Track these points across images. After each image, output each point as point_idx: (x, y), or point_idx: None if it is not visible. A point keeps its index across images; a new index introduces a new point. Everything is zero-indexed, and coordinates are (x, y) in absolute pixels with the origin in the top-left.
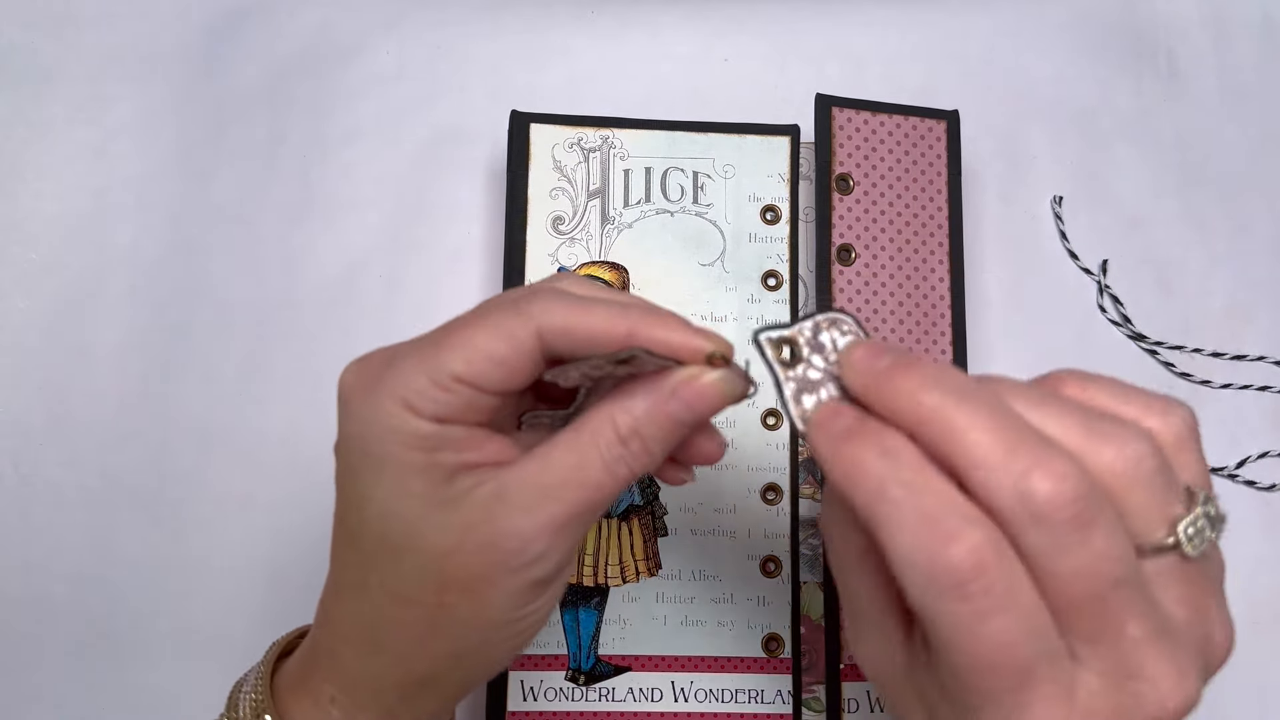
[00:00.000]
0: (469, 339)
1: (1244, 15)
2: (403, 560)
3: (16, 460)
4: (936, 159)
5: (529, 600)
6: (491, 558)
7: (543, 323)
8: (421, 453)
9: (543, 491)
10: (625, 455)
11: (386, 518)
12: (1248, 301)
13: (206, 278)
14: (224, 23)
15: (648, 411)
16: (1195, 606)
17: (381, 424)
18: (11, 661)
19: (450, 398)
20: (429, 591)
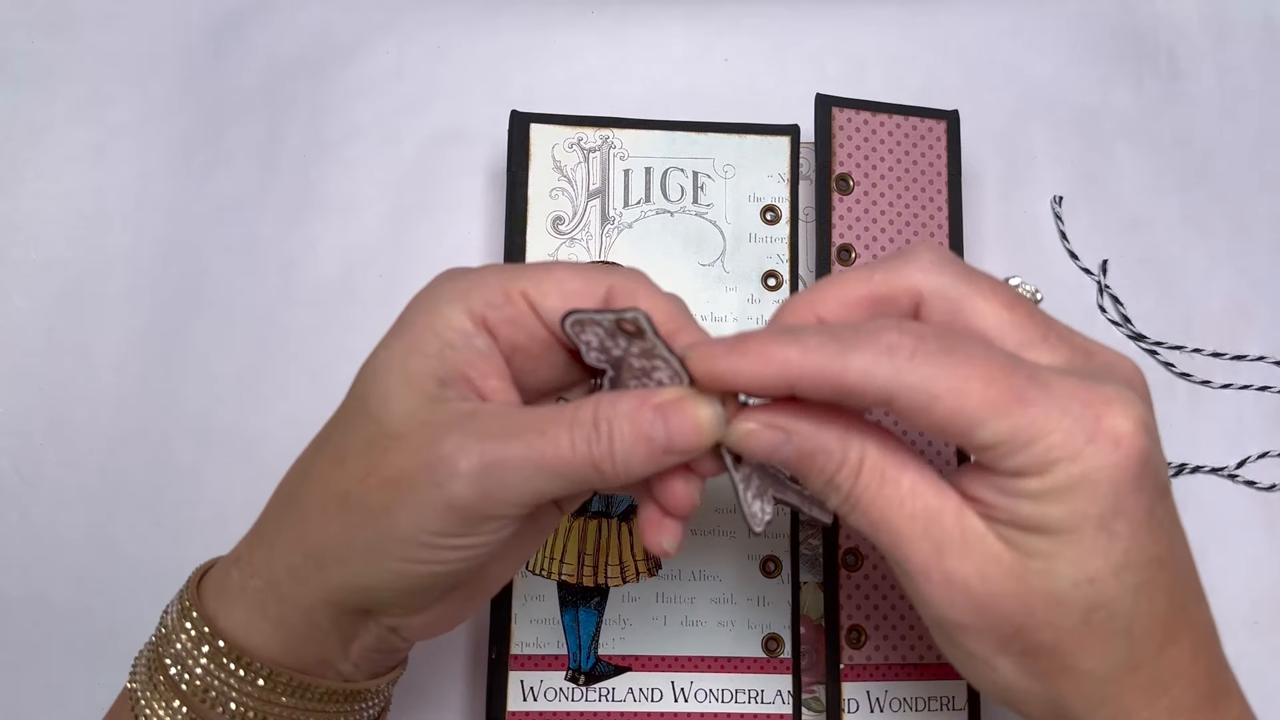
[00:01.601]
0: (550, 268)
1: (1244, 15)
2: (363, 425)
3: (16, 460)
4: (936, 159)
5: (437, 526)
6: (421, 460)
7: (616, 283)
8: (439, 340)
9: (503, 426)
10: (591, 435)
11: (375, 381)
12: (1248, 301)
13: (206, 278)
14: (224, 23)
15: (628, 409)
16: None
17: (429, 306)
18: (11, 661)
19: (506, 306)
20: (361, 464)
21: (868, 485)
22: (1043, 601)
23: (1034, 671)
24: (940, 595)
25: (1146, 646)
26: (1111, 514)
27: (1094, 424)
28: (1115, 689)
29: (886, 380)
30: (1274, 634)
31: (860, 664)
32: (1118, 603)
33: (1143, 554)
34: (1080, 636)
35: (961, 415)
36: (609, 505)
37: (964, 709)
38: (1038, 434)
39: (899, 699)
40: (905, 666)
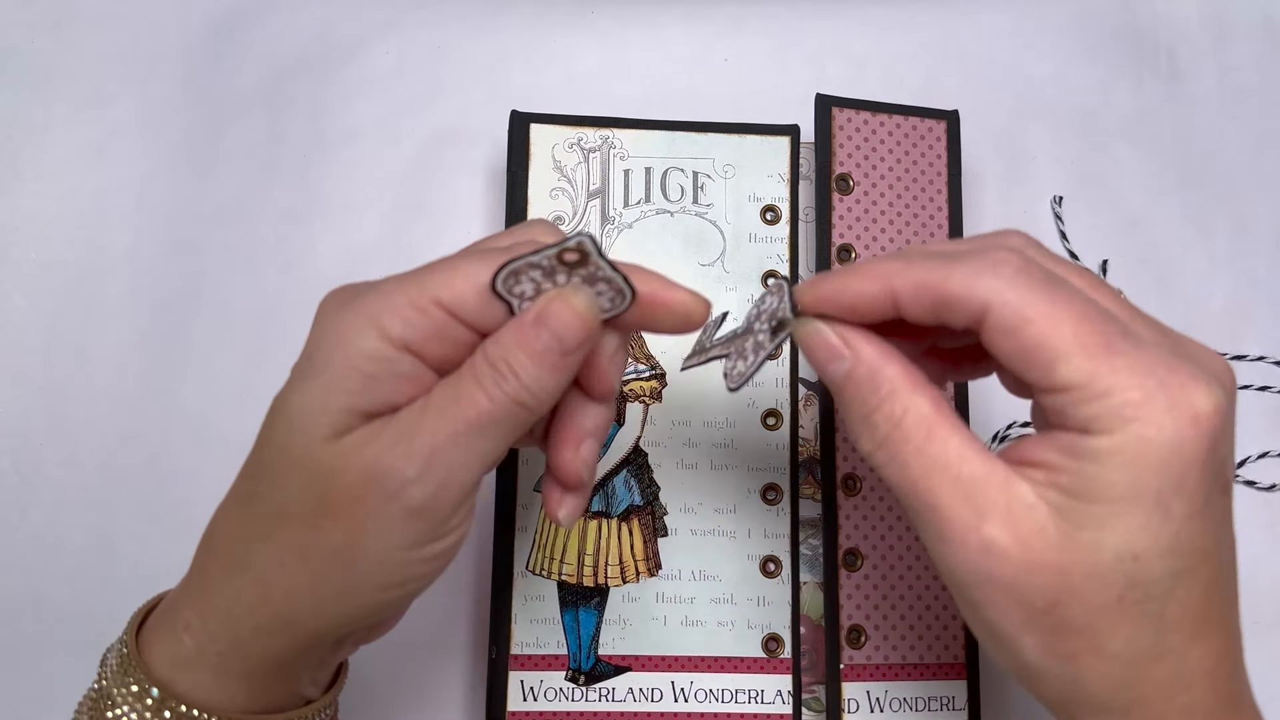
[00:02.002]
0: (455, 265)
1: (1244, 15)
2: (294, 473)
3: (16, 460)
4: (936, 159)
5: (406, 538)
6: (368, 479)
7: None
8: (361, 377)
9: (422, 417)
10: (498, 378)
11: (295, 427)
12: (1248, 301)
13: (206, 278)
14: (224, 23)
15: (513, 337)
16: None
17: (340, 337)
18: (11, 661)
19: (424, 320)
20: (307, 510)
21: (909, 439)
22: (1082, 575)
23: (1058, 651)
24: (976, 562)
25: (1175, 637)
26: (1171, 491)
27: (1177, 393)
28: (1137, 676)
29: (986, 292)
30: (1274, 634)
31: (860, 664)
32: (1156, 585)
33: (1191, 541)
34: (1112, 616)
35: (1048, 345)
36: (609, 505)
37: (964, 709)
38: (1118, 386)
39: (899, 699)
40: (905, 666)
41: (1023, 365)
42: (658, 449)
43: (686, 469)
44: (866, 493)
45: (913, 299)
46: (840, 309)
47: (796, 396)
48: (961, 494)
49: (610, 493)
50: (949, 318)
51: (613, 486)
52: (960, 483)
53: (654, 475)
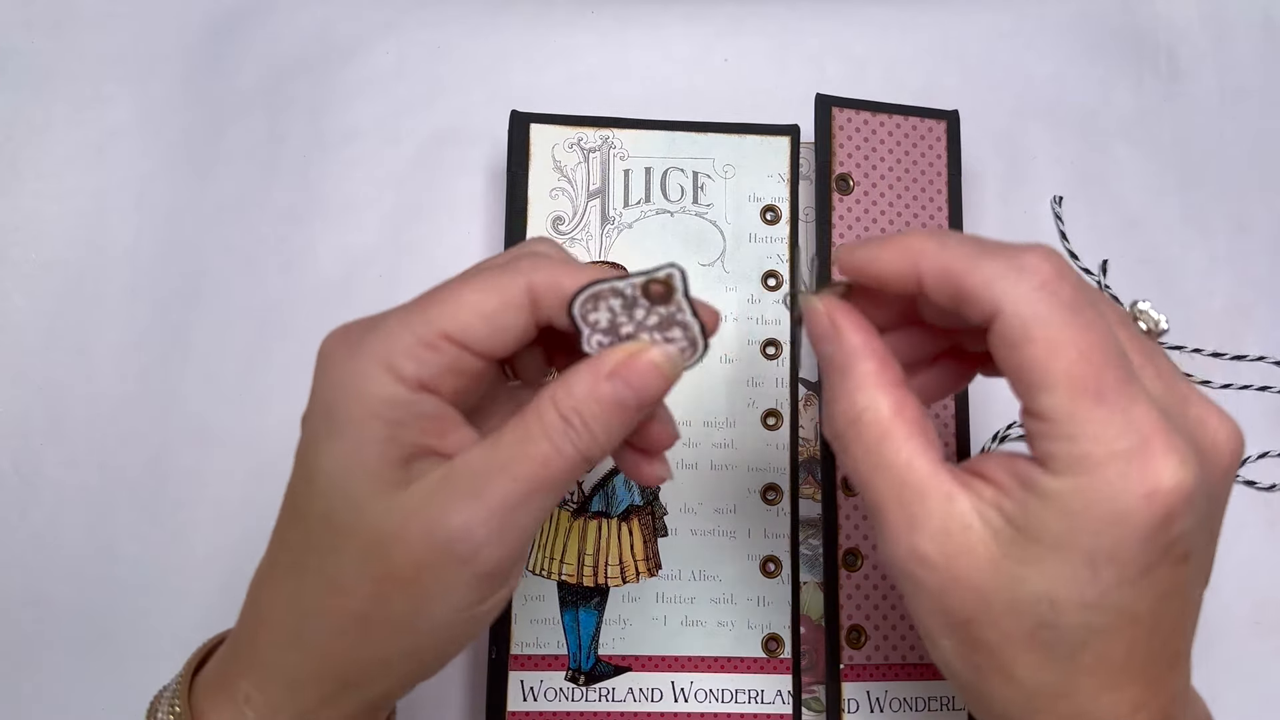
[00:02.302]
0: (458, 295)
1: (1244, 15)
2: (345, 544)
3: (16, 460)
4: (936, 159)
5: (473, 598)
6: (435, 545)
7: (534, 278)
8: (385, 424)
9: (489, 472)
10: (569, 432)
11: (335, 493)
12: (1248, 301)
13: (206, 277)
14: (224, 23)
15: (588, 390)
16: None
17: (354, 387)
18: (11, 661)
19: (436, 357)
20: (367, 581)
21: (864, 435)
22: (1000, 602)
23: (971, 663)
24: (905, 565)
25: (1086, 680)
26: (1104, 556)
27: (1142, 463)
28: (1038, 707)
29: (1000, 296)
30: (1274, 634)
31: (860, 664)
32: (1070, 633)
33: (1117, 603)
34: (1021, 647)
35: (1039, 370)
36: (609, 505)
37: (964, 709)
38: (1088, 436)
39: (899, 699)
40: (905, 666)
41: (1012, 379)
42: None
43: (686, 469)
44: None
45: (935, 284)
46: (869, 277)
47: (796, 396)
48: (902, 501)
49: (610, 493)
50: (964, 311)
51: (613, 486)
52: (904, 489)
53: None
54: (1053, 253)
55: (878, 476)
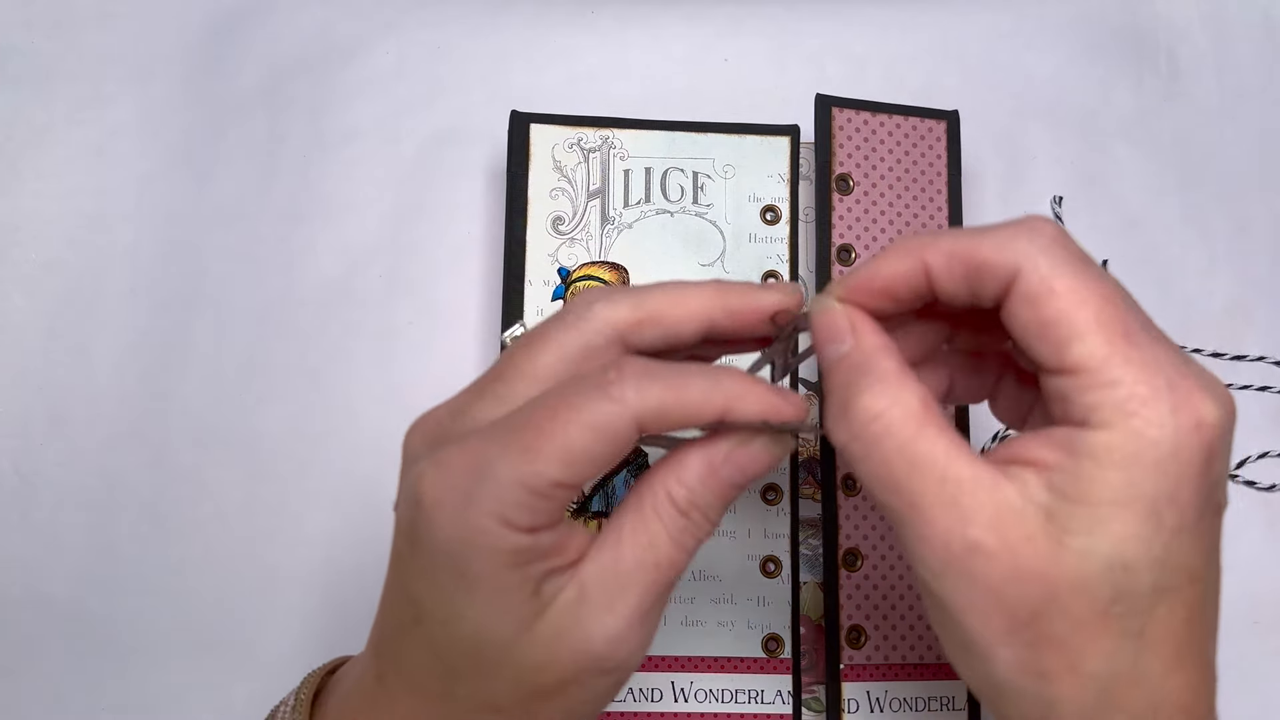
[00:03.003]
0: (565, 441)
1: (1244, 15)
2: (495, 676)
3: (16, 460)
4: (936, 159)
5: (614, 692)
6: (582, 663)
7: (640, 411)
8: (515, 570)
9: (620, 582)
10: (689, 527)
11: (480, 639)
12: (1248, 301)
13: (206, 277)
14: (224, 23)
15: (702, 480)
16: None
17: (478, 544)
18: (11, 661)
19: (548, 505)
20: (520, 701)
21: (894, 433)
22: (1069, 585)
23: (1034, 668)
24: (960, 565)
25: (1154, 662)
26: (1165, 499)
27: (1183, 397)
28: (1111, 701)
29: (1018, 255)
30: (1274, 634)
31: (860, 664)
32: (1142, 599)
33: (1180, 557)
34: (1094, 631)
35: (1068, 321)
36: (609, 505)
37: (964, 709)
38: (1127, 378)
39: (899, 699)
40: (905, 666)
41: (1038, 339)
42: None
43: None
44: (867, 493)
45: (945, 268)
46: (875, 295)
47: None
48: (947, 495)
49: (610, 493)
50: (980, 288)
51: (613, 486)
52: (946, 483)
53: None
54: (1049, 219)
55: (913, 474)
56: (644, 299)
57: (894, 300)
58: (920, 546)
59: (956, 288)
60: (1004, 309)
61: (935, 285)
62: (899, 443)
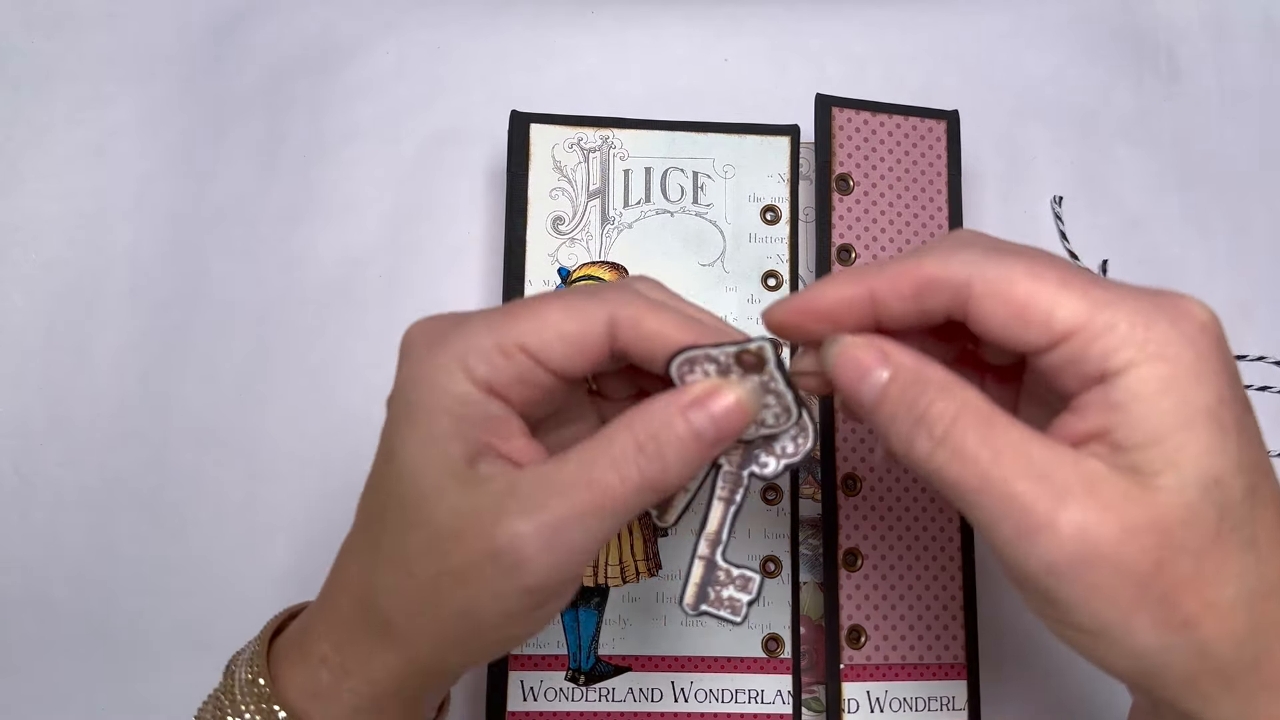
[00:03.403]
0: (542, 312)
1: (1244, 15)
2: (414, 532)
3: (16, 460)
4: (936, 159)
5: (521, 606)
6: (486, 554)
7: (617, 311)
8: (453, 419)
9: (548, 490)
10: (638, 460)
11: (409, 479)
12: (1248, 301)
13: (206, 277)
14: (224, 23)
15: (668, 420)
16: None
17: (430, 379)
18: (11, 661)
19: (509, 365)
20: (429, 570)
21: (969, 429)
22: (1178, 520)
23: (1176, 619)
24: (1072, 546)
25: (1272, 564)
26: (1217, 402)
27: (1174, 309)
28: (1257, 621)
29: (962, 267)
30: None
31: (860, 664)
32: (1241, 507)
33: (1250, 453)
34: (1216, 556)
35: (1039, 296)
36: None
37: (964, 709)
38: (1119, 318)
39: (899, 699)
40: (905, 666)
41: (1020, 326)
42: None
43: None
44: (866, 493)
45: (891, 291)
46: (818, 319)
47: None
48: (1039, 478)
49: None
50: (930, 303)
51: None
52: (1035, 466)
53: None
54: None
55: (1005, 463)
56: (654, 314)
57: (835, 327)
58: (1024, 543)
59: (905, 308)
60: (970, 316)
61: (882, 310)
62: (979, 436)
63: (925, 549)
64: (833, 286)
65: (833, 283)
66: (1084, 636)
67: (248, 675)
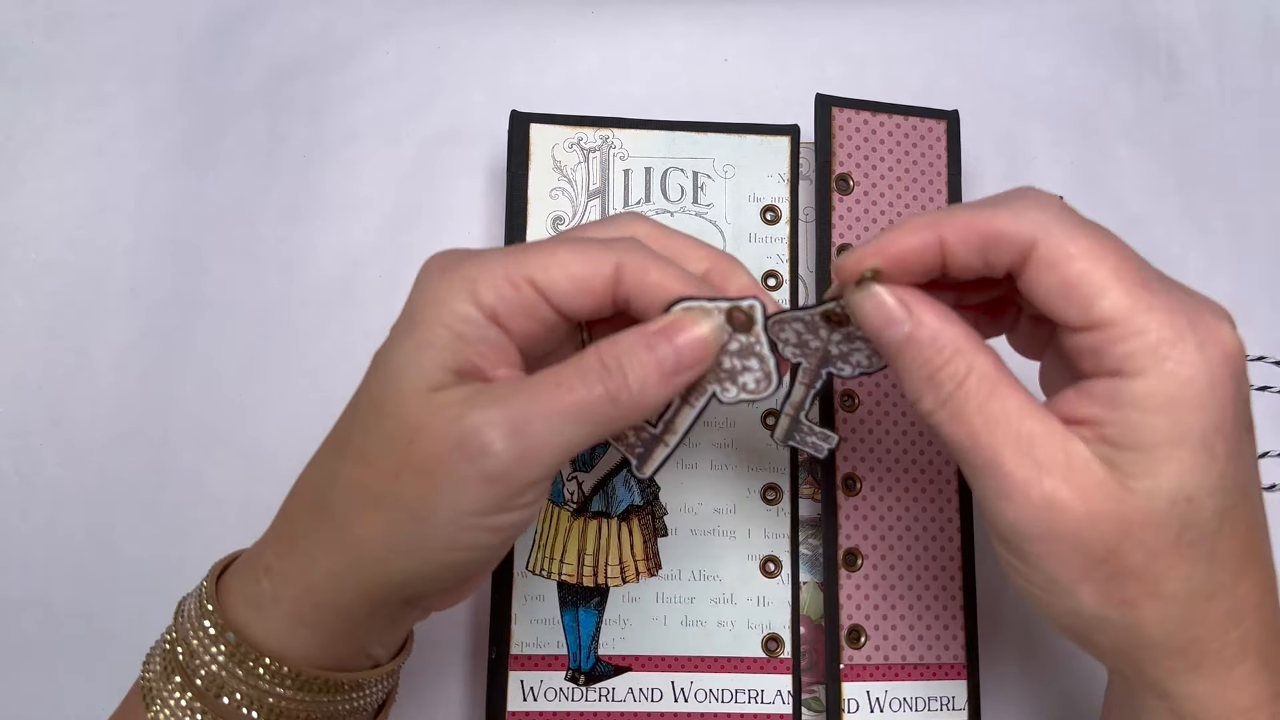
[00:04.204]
0: (554, 251)
1: (1244, 15)
2: (381, 425)
3: (16, 460)
4: (936, 159)
5: (481, 503)
6: (449, 439)
7: (625, 259)
8: (451, 334)
9: (516, 388)
10: (605, 376)
11: (389, 381)
12: (1248, 301)
13: (206, 277)
14: (224, 23)
15: (631, 342)
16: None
17: (437, 296)
18: (11, 661)
19: (515, 295)
20: (390, 461)
21: (973, 394)
22: (1140, 521)
23: (1116, 598)
24: (1038, 515)
25: (1224, 574)
26: (1214, 431)
27: (1206, 332)
28: (1193, 615)
29: (1033, 225)
30: None
31: (860, 664)
32: (1208, 524)
33: (1235, 479)
34: (1170, 559)
35: (1090, 279)
36: (609, 505)
37: (964, 709)
38: (1153, 324)
39: (899, 699)
40: (905, 666)
41: (1062, 300)
42: None
43: (686, 469)
44: (866, 493)
45: (961, 241)
46: (893, 261)
47: None
48: (1023, 449)
49: (610, 493)
50: (995, 258)
51: (613, 486)
52: (1022, 439)
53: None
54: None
55: (996, 431)
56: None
57: (905, 273)
58: (1001, 502)
59: (971, 259)
60: (1023, 277)
61: (949, 258)
62: (978, 403)
63: (925, 549)
64: (906, 234)
65: (905, 230)
66: (1036, 590)
67: (194, 605)
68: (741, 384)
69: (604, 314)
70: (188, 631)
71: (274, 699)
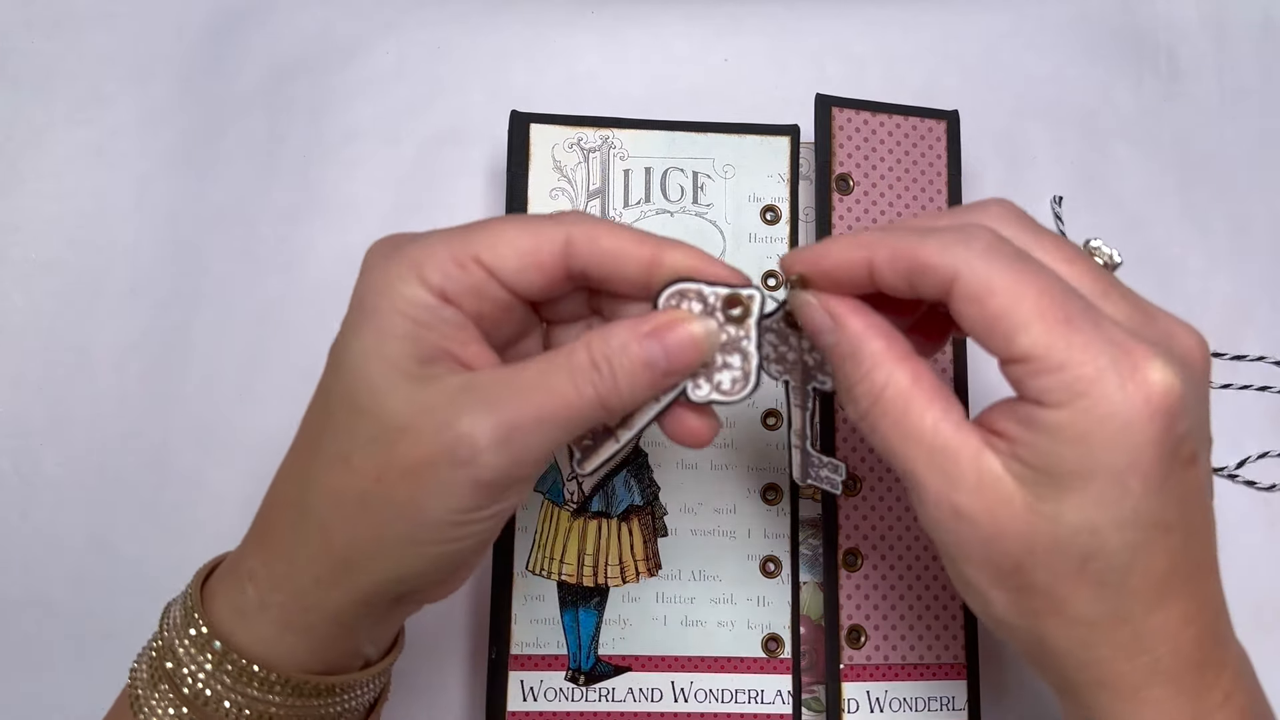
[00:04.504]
0: (498, 228)
1: (1244, 15)
2: (359, 423)
3: (16, 460)
4: (936, 159)
5: (469, 503)
6: (439, 444)
7: (573, 230)
8: (409, 320)
9: (507, 390)
10: (594, 377)
11: (357, 377)
12: (1248, 301)
13: (206, 277)
14: (224, 23)
15: (623, 342)
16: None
17: (384, 284)
18: (11, 661)
19: (463, 275)
20: (373, 463)
21: (887, 412)
22: (1044, 544)
23: (1024, 609)
24: (949, 524)
25: (1136, 604)
26: (1128, 468)
27: (1129, 372)
28: (1097, 638)
29: (955, 261)
30: (1274, 634)
31: (860, 664)
32: (1116, 556)
33: (1150, 515)
34: (1074, 583)
35: (1009, 315)
36: (609, 505)
37: (964, 709)
38: (1073, 361)
39: (899, 699)
40: (905, 666)
41: (985, 335)
42: (658, 449)
43: (686, 469)
44: (866, 493)
45: (888, 266)
46: (821, 274)
47: None
48: (935, 464)
49: (610, 493)
50: (921, 286)
51: (613, 486)
52: (934, 454)
53: (654, 475)
54: (994, 207)
55: (909, 445)
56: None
57: (835, 285)
58: (920, 507)
59: (899, 284)
60: (951, 307)
61: (879, 280)
62: (892, 419)
63: (925, 549)
64: (838, 248)
65: (839, 245)
66: (960, 588)
67: (180, 612)
68: (716, 382)
69: (561, 290)
70: (174, 640)
71: (264, 706)
